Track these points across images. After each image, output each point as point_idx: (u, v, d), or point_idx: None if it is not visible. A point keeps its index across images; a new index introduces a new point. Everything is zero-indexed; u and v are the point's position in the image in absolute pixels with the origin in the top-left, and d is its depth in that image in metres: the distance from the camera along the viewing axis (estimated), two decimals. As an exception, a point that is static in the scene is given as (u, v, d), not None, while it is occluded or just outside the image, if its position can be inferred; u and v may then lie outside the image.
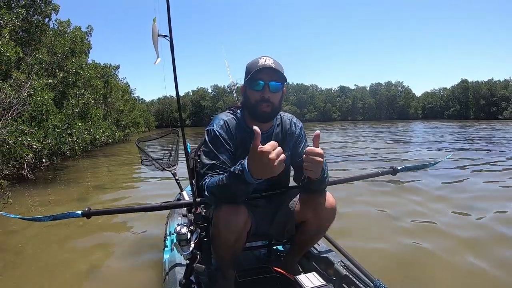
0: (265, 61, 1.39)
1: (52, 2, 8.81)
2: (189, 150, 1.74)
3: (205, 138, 1.46)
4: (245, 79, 1.46)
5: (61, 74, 8.81)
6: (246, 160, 1.17)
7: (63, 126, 6.76)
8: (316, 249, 1.78)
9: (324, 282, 1.39)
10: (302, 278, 1.41)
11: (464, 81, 59.87)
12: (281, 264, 1.65)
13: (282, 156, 1.11)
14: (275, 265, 1.62)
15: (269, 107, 1.41)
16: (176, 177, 2.76)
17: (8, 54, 5.71)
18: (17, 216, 1.67)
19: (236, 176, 1.18)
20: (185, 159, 1.47)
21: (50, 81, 7.72)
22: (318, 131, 1.21)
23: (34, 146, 4.68)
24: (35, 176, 4.93)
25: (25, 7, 7.84)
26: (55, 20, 10.15)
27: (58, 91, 8.65)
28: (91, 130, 8.42)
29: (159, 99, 65.61)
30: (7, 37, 5.97)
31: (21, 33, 7.92)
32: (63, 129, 6.71)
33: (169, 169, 2.84)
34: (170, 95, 66.47)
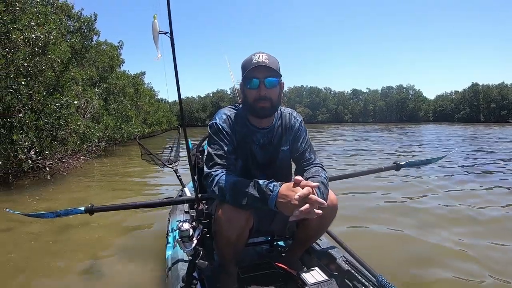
0: (259, 58, 1.33)
1: (95, 28, 11.25)
2: (190, 147, 1.71)
3: (208, 132, 1.43)
4: (242, 77, 1.40)
5: (104, 85, 11.26)
6: (279, 189, 1.16)
7: (113, 124, 10.13)
8: (319, 245, 1.72)
9: (327, 278, 1.35)
10: (305, 273, 1.38)
11: (475, 85, 58.40)
12: (283, 260, 1.59)
13: (306, 206, 1.10)
14: (278, 261, 1.57)
15: (268, 103, 1.36)
16: (178, 174, 2.68)
17: (72, 73, 7.89)
18: (21, 213, 1.64)
19: (262, 193, 1.17)
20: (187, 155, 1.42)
21: (96, 90, 10.07)
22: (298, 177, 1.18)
23: (97, 135, 7.17)
24: (101, 151, 7.76)
25: (73, 32, 10.24)
26: (95, 41, 12.40)
27: (103, 98, 11.09)
28: (130, 127, 11.51)
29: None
30: (75, 65, 8.36)
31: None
32: (116, 125, 10.40)
33: (170, 166, 2.75)
34: (192, 96, 70.08)
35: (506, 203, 3.79)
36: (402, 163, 2.03)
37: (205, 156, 1.50)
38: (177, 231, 1.30)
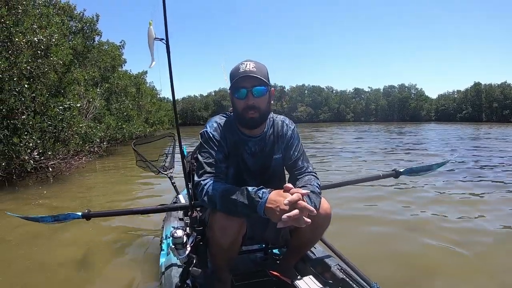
0: (246, 66, 1.31)
1: (97, 29, 11.33)
2: (185, 154, 1.70)
3: (199, 140, 1.42)
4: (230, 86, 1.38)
5: (106, 85, 11.34)
6: (268, 195, 1.15)
7: (115, 124, 10.17)
8: (313, 253, 1.70)
9: (321, 286, 1.34)
10: (299, 281, 1.36)
11: (477, 84, 57.92)
12: (277, 268, 1.58)
13: (295, 211, 1.09)
14: (272, 269, 1.55)
15: (256, 113, 1.34)
16: (173, 181, 2.66)
17: (75, 75, 7.96)
18: (20, 216, 1.63)
19: (250, 200, 1.16)
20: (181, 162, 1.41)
21: (98, 90, 10.15)
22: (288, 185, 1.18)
23: (99, 135, 7.28)
24: (102, 151, 7.89)
25: (75, 33, 10.33)
26: (97, 41, 12.37)
27: (105, 98, 11.18)
28: (131, 126, 11.64)
29: (183, 98, 68.87)
30: (77, 66, 8.47)
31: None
32: (117, 125, 10.46)
33: (165, 173, 2.71)
34: (194, 95, 70.21)
35: (489, 194, 4.23)
36: (401, 170, 1.97)
37: None
38: (171, 238, 1.29)
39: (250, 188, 1.20)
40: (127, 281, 2.16)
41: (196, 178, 1.34)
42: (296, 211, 1.10)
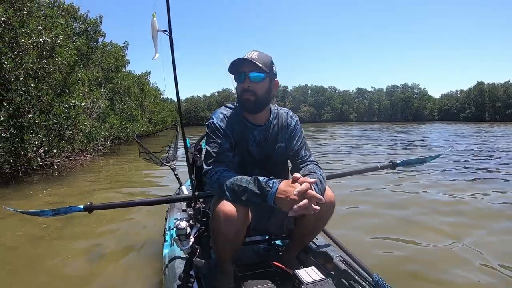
0: (249, 54, 1.38)
1: (100, 30, 11.46)
2: (188, 145, 1.70)
3: (206, 131, 1.45)
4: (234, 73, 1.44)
5: (110, 86, 11.46)
6: (278, 186, 1.18)
7: (119, 124, 10.47)
8: (315, 244, 1.72)
9: (323, 277, 1.34)
10: (301, 272, 1.37)
11: (480, 83, 57.58)
12: (280, 259, 1.60)
13: (304, 201, 1.11)
14: (275, 260, 1.57)
15: (252, 96, 1.38)
16: (176, 172, 2.67)
17: (79, 75, 8.08)
18: (19, 210, 1.64)
19: (261, 189, 1.18)
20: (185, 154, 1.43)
21: (102, 90, 10.26)
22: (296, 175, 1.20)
23: (103, 134, 7.42)
24: (107, 149, 8.15)
25: (79, 34, 10.46)
26: (101, 42, 12.62)
27: (108, 98, 11.31)
28: (135, 126, 11.75)
29: (186, 99, 69.21)
30: (81, 66, 8.58)
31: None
32: (121, 124, 10.67)
33: (168, 164, 2.72)
34: (197, 95, 70.40)
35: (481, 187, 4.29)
36: (398, 161, 2.03)
37: (203, 155, 1.52)
38: (174, 229, 1.29)
39: (260, 178, 1.22)
40: (130, 272, 2.18)
41: (204, 167, 1.37)
42: (305, 201, 1.12)
